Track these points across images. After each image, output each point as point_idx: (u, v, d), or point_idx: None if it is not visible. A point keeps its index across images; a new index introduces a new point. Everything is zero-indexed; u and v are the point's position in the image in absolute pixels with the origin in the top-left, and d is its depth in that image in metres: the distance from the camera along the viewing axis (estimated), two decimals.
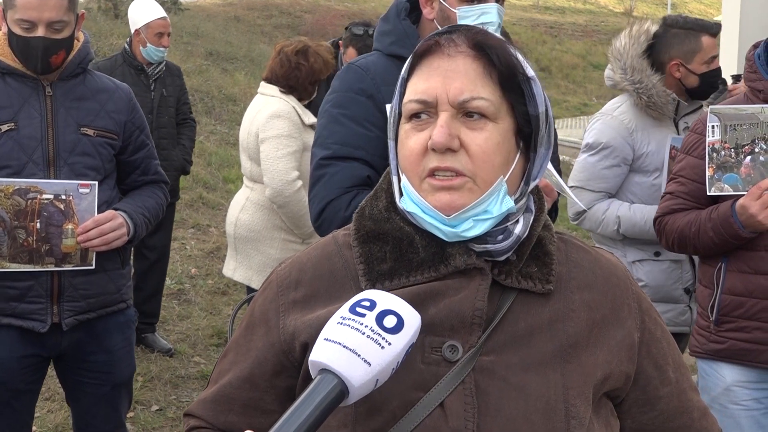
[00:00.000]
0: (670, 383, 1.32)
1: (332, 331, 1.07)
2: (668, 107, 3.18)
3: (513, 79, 1.24)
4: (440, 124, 1.20)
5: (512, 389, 1.18)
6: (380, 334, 1.06)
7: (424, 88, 1.23)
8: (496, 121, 1.22)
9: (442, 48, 1.25)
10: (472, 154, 1.20)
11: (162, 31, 5.02)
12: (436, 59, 1.24)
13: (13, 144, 2.55)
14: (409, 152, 1.23)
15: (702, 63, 3.16)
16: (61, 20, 2.54)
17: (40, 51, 2.54)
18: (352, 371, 1.04)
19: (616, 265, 1.34)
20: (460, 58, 1.23)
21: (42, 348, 2.68)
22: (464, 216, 1.21)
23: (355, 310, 1.09)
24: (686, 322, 3.24)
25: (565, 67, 21.86)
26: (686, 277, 3.21)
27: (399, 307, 1.09)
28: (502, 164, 1.22)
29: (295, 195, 3.79)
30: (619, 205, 3.19)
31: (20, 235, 2.51)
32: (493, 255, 1.23)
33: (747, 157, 2.56)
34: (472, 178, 1.20)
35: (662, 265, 3.19)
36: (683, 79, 3.19)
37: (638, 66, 3.16)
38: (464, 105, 1.21)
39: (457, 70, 1.22)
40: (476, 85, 1.21)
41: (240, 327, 1.37)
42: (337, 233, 1.36)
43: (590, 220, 3.24)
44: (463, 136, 1.21)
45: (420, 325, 1.11)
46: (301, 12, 21.65)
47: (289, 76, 3.96)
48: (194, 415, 1.36)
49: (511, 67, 1.24)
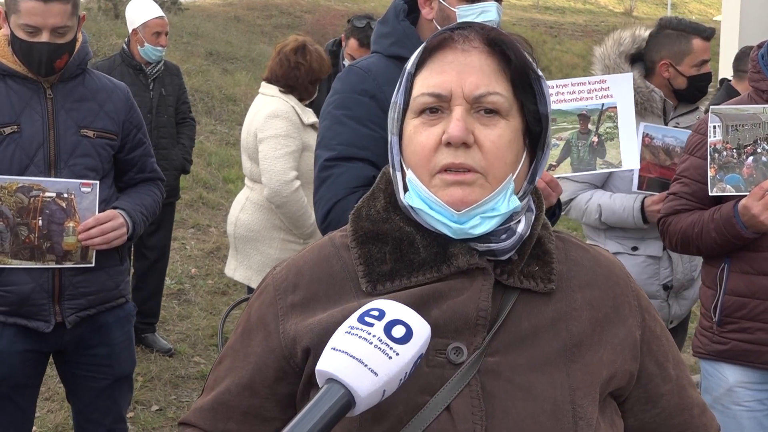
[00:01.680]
0: (671, 380, 1.32)
1: (340, 341, 1.05)
2: (651, 103, 3.21)
3: (525, 77, 1.23)
4: (456, 117, 1.19)
5: (519, 390, 1.16)
6: (388, 344, 1.04)
7: (438, 82, 1.21)
8: (507, 118, 1.21)
9: (455, 42, 1.23)
10: (486, 150, 1.19)
11: (159, 31, 5.01)
12: (450, 53, 1.23)
13: (15, 147, 2.57)
14: (421, 147, 1.22)
15: (691, 66, 3.19)
16: (65, 25, 2.55)
17: (45, 56, 2.55)
18: (359, 382, 1.02)
19: (614, 263, 1.34)
20: (475, 53, 1.22)
21: (43, 344, 2.70)
22: (473, 212, 1.19)
23: (364, 319, 1.07)
24: (664, 317, 3.29)
25: (565, 67, 21.85)
26: (664, 273, 3.25)
27: (408, 317, 1.08)
28: (513, 162, 1.22)
29: (293, 195, 3.78)
30: (601, 195, 3.26)
31: (22, 232, 2.54)
32: (496, 254, 1.22)
33: (749, 157, 2.55)
34: (484, 174, 1.19)
35: (638, 259, 3.23)
36: (672, 79, 3.21)
37: (616, 64, 3.20)
38: (479, 100, 1.20)
39: (472, 64, 1.21)
40: (491, 81, 1.20)
41: (235, 332, 1.33)
42: (334, 234, 1.34)
43: (575, 209, 3.31)
44: (477, 132, 1.19)
45: (429, 336, 1.09)
46: (301, 12, 21.63)
47: (288, 76, 3.96)
48: (191, 424, 1.32)
49: (524, 64, 1.23)
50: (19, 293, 2.59)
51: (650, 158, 3.11)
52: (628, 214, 3.15)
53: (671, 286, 3.25)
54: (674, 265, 3.25)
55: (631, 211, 3.15)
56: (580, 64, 21.73)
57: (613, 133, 2.73)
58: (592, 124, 2.73)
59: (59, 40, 2.56)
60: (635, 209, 3.14)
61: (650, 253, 3.22)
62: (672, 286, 3.25)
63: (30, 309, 2.61)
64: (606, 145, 2.74)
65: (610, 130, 2.73)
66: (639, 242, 3.24)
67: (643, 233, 3.21)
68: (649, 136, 3.11)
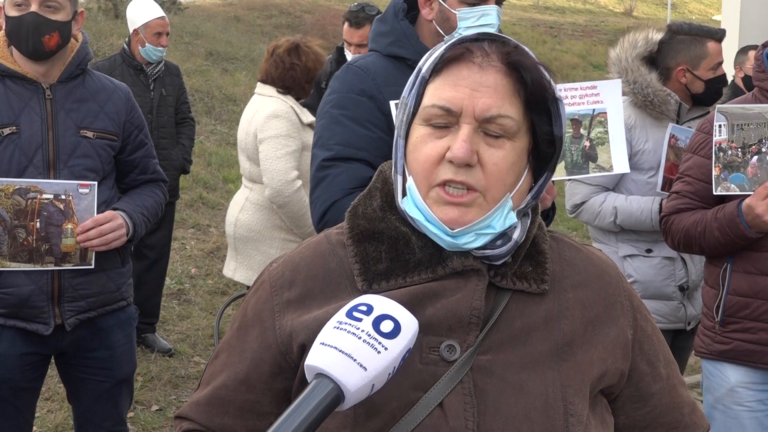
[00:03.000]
0: (661, 379, 1.33)
1: (328, 336, 1.06)
2: (668, 107, 3.20)
3: (541, 99, 1.22)
4: (462, 138, 1.18)
5: (510, 388, 1.18)
6: (376, 338, 1.05)
7: (450, 96, 1.20)
8: (513, 139, 1.21)
9: (474, 56, 1.22)
10: (488, 171, 1.19)
11: (161, 31, 5.01)
12: (465, 68, 1.22)
13: (14, 148, 2.56)
14: (424, 158, 1.22)
15: (708, 69, 3.19)
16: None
17: (32, 27, 2.53)
18: (347, 376, 1.03)
19: (607, 263, 1.34)
20: (492, 72, 1.21)
21: (44, 347, 2.69)
22: (468, 230, 1.21)
23: (352, 314, 1.08)
24: (681, 318, 3.27)
25: (565, 67, 21.85)
26: (679, 274, 3.24)
27: (396, 312, 1.09)
28: (513, 183, 1.22)
29: (295, 194, 3.79)
30: (616, 197, 3.23)
31: (20, 234, 2.53)
32: (492, 260, 1.23)
33: (754, 156, 2.54)
34: (483, 194, 1.20)
35: (653, 261, 3.22)
36: (689, 84, 3.21)
37: (633, 67, 3.20)
38: (489, 121, 1.19)
39: (487, 84, 1.20)
40: (504, 103, 1.20)
41: (232, 328, 1.35)
42: (330, 232, 1.35)
43: (587, 211, 3.29)
44: (481, 152, 1.20)
45: (417, 331, 1.10)
46: (301, 12, 21.63)
47: (284, 77, 3.96)
48: (187, 418, 1.33)
49: (541, 88, 1.22)
50: (18, 295, 2.58)
51: (674, 159, 3.11)
52: (646, 216, 3.12)
53: (687, 287, 3.23)
54: (688, 266, 3.24)
55: (650, 213, 3.13)
56: (580, 64, 21.73)
57: (603, 138, 2.80)
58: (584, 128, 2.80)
59: (49, 14, 2.54)
60: (653, 211, 3.12)
61: (665, 254, 3.20)
62: (688, 287, 3.24)
63: (29, 311, 2.59)
64: (597, 150, 2.82)
65: (600, 135, 2.81)
66: (652, 245, 3.22)
67: (656, 235, 3.18)
68: (674, 137, 3.12)
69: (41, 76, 2.63)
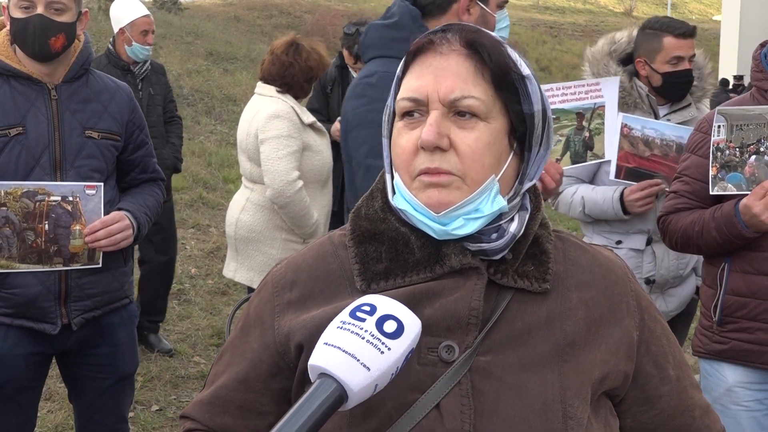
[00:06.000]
0: (670, 381, 1.32)
1: (332, 336, 1.07)
2: (637, 100, 3.23)
3: (506, 78, 1.23)
4: (429, 122, 1.19)
5: (509, 389, 1.17)
6: (380, 338, 1.05)
7: (416, 86, 1.22)
8: (487, 120, 1.21)
9: (435, 46, 1.24)
10: (462, 153, 1.20)
11: (147, 29, 4.92)
12: (429, 57, 1.24)
13: (21, 148, 2.56)
14: (401, 150, 1.23)
15: (664, 62, 3.20)
16: (60, 1, 2.54)
17: (38, 29, 2.53)
18: (351, 376, 1.03)
19: (614, 263, 1.33)
20: (453, 57, 1.22)
21: (48, 346, 2.71)
22: (454, 214, 1.20)
23: (356, 314, 1.08)
24: None
25: (565, 67, 21.85)
26: (647, 267, 3.26)
27: (399, 312, 1.09)
28: (493, 164, 1.22)
29: (297, 195, 3.79)
30: (585, 187, 3.30)
31: (29, 236, 2.55)
32: (489, 254, 1.22)
33: (752, 156, 2.54)
34: (462, 177, 1.20)
35: (620, 252, 3.25)
36: (649, 77, 3.25)
37: (603, 64, 3.28)
38: (455, 103, 1.20)
39: (448, 68, 1.21)
40: (467, 84, 1.21)
41: (236, 328, 1.36)
42: (333, 233, 1.36)
43: (562, 203, 3.36)
44: (453, 135, 1.20)
45: (420, 331, 1.10)
46: (301, 12, 21.65)
47: (284, 75, 3.96)
48: (190, 417, 1.35)
49: (503, 66, 1.23)
50: (25, 295, 2.59)
51: (628, 148, 3.16)
52: (608, 205, 3.18)
53: (653, 280, 3.27)
54: (658, 260, 3.25)
55: (611, 202, 3.18)
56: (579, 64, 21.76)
57: (600, 129, 3.16)
58: (586, 121, 3.13)
59: (55, 16, 2.55)
60: (614, 200, 3.17)
61: (632, 246, 3.25)
62: (654, 280, 3.26)
63: (37, 311, 2.61)
64: (595, 140, 3.17)
65: (598, 126, 3.16)
66: (623, 236, 3.27)
67: (627, 227, 3.24)
68: (627, 126, 3.16)
69: (46, 76, 2.63)
